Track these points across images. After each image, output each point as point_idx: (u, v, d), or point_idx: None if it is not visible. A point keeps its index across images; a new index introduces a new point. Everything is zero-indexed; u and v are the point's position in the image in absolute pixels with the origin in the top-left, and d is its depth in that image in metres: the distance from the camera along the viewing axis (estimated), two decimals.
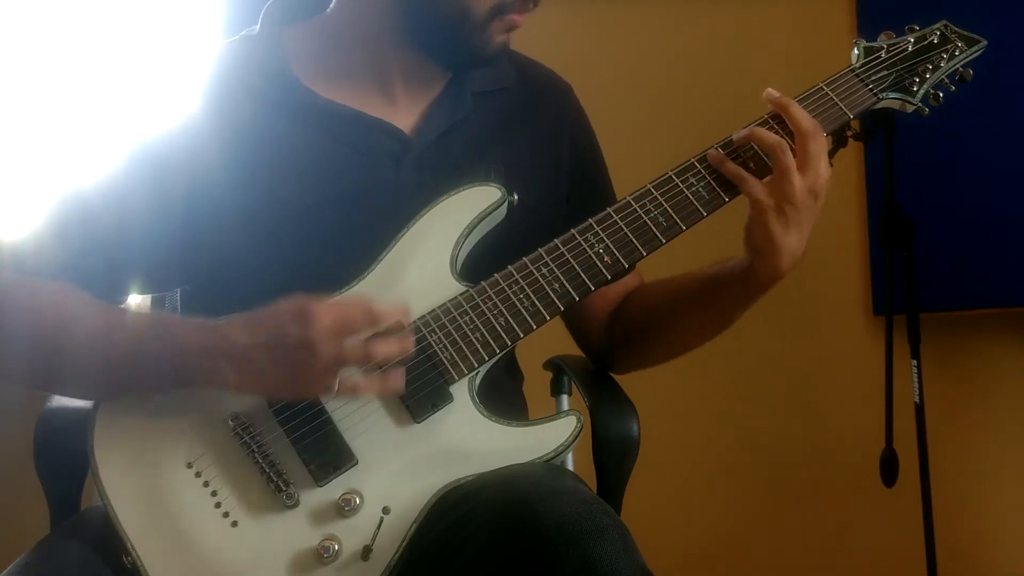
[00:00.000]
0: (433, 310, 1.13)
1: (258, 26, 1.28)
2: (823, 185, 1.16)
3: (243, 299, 1.13)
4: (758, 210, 1.15)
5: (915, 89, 1.28)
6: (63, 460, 1.20)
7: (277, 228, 1.18)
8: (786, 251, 1.16)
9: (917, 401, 2.06)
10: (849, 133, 2.02)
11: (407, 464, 1.08)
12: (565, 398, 1.48)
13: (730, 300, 1.24)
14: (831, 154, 2.07)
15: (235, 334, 1.05)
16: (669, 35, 2.45)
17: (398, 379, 1.06)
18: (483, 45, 1.20)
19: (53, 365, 1.10)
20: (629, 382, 1.32)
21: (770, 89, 1.20)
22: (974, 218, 2.24)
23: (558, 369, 1.48)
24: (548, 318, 1.15)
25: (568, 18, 2.36)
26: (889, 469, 2.08)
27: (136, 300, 2.13)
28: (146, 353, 1.07)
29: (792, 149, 1.16)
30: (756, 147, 1.19)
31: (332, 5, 1.28)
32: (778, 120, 1.20)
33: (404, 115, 1.25)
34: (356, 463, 1.07)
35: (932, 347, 2.12)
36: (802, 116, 1.18)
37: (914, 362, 2.06)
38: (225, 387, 1.06)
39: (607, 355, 1.40)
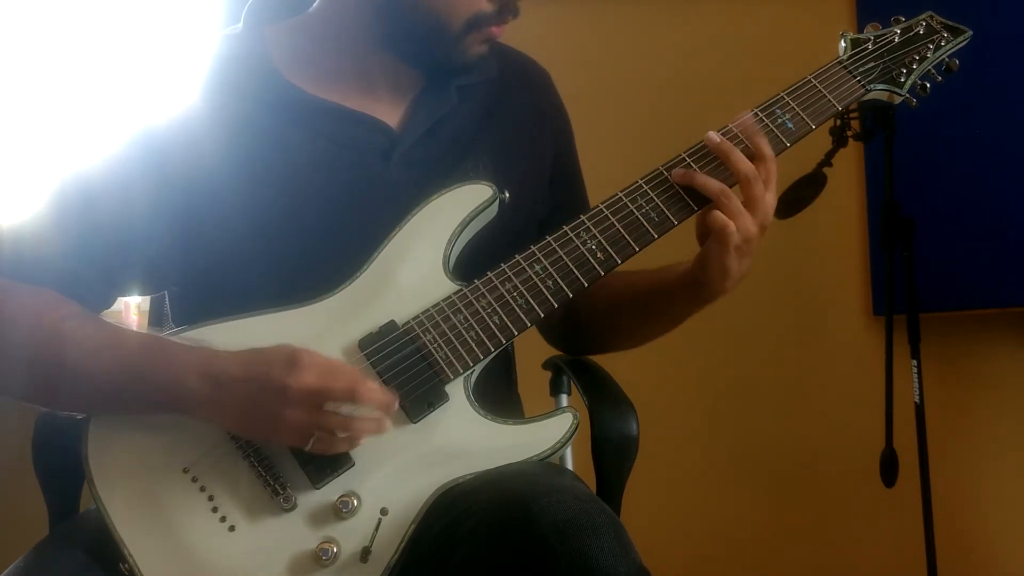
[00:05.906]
0: (427, 309, 1.13)
1: (240, 24, 1.28)
2: (770, 219, 1.17)
3: (234, 300, 1.12)
4: (721, 244, 1.14)
5: (902, 80, 1.29)
6: (62, 461, 1.19)
7: (268, 225, 1.18)
8: (736, 277, 1.18)
9: (917, 401, 2.06)
10: (849, 133, 2.02)
11: (404, 464, 1.08)
12: (564, 397, 1.47)
13: (676, 307, 1.28)
14: (831, 154, 2.07)
15: (229, 363, 1.05)
16: (669, 35, 2.45)
17: (379, 426, 1.05)
18: (459, 56, 1.21)
19: (48, 381, 1.10)
20: (628, 382, 1.31)
21: (711, 133, 1.19)
22: (974, 218, 2.24)
23: (557, 368, 1.47)
24: (542, 315, 1.14)
25: (568, 18, 2.36)
26: (889, 469, 2.07)
27: (135, 301, 2.13)
28: (141, 372, 1.07)
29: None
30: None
31: (314, 5, 1.28)
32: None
33: (390, 110, 1.26)
34: (353, 464, 1.07)
35: (932, 347, 2.12)
36: (765, 144, 1.18)
37: (914, 362, 2.06)
38: (212, 415, 1.06)
39: (564, 342, 1.44)
